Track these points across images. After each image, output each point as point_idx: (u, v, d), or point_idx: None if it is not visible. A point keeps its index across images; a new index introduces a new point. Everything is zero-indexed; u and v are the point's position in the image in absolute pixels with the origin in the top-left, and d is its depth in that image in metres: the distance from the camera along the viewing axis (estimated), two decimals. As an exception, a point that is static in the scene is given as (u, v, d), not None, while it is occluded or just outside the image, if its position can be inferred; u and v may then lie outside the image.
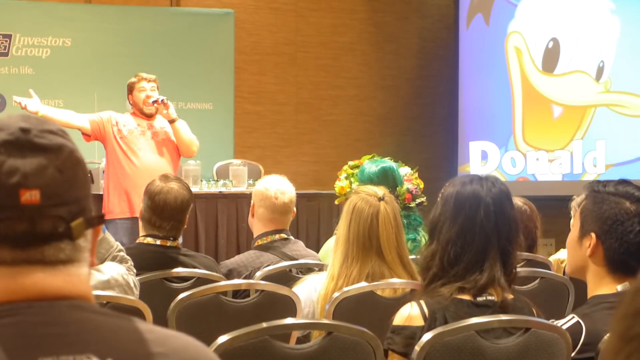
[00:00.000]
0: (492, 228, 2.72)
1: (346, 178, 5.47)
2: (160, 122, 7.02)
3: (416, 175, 5.55)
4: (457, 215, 2.73)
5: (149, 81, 7.03)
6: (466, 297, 2.70)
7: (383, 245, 3.66)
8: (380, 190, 3.80)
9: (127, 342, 1.34)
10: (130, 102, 7.09)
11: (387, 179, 5.20)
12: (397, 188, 5.21)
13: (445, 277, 2.71)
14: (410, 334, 2.66)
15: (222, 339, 2.49)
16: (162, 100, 6.91)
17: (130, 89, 7.05)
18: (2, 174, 1.31)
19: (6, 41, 8.92)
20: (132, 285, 3.61)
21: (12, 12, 9.01)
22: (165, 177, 4.40)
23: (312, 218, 7.68)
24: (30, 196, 1.31)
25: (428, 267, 2.75)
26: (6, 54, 8.91)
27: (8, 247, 1.32)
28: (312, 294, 3.73)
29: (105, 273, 3.51)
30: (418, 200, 5.32)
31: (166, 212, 4.24)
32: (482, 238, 2.71)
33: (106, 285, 3.48)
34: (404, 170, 5.47)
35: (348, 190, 5.33)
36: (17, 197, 1.31)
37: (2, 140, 1.34)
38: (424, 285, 2.75)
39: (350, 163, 5.57)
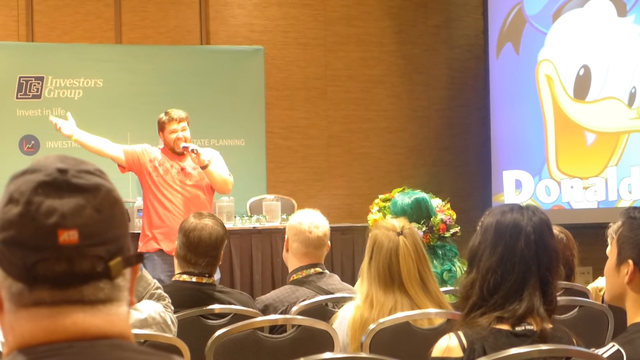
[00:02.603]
0: (532, 257, 2.70)
1: (379, 211, 5.46)
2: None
3: (448, 206, 5.53)
4: (497, 244, 2.71)
5: (180, 121, 6.94)
6: (505, 327, 2.68)
7: (405, 280, 3.66)
8: (399, 223, 3.80)
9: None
10: (162, 139, 7.08)
11: (420, 210, 5.19)
12: (432, 218, 5.20)
13: (484, 307, 2.69)
14: (449, 366, 2.64)
15: (261, 374, 2.49)
16: (192, 150, 6.81)
17: (161, 127, 6.99)
18: (40, 215, 1.32)
19: (38, 83, 9.01)
20: (169, 322, 3.61)
21: (43, 55, 9.11)
22: (199, 214, 4.41)
23: (347, 251, 7.66)
24: (69, 236, 1.32)
25: (467, 296, 2.73)
26: (39, 96, 8.99)
27: (47, 288, 1.33)
28: (343, 323, 3.73)
29: (142, 311, 3.52)
30: (452, 231, 5.30)
31: (201, 248, 4.24)
32: (522, 267, 2.69)
33: (144, 323, 3.49)
34: (436, 202, 5.46)
35: (381, 223, 5.33)
36: (56, 238, 1.32)
37: (39, 181, 1.35)
38: (463, 315, 2.73)
39: (382, 196, 5.57)
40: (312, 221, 4.60)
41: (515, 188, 9.92)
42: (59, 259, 1.32)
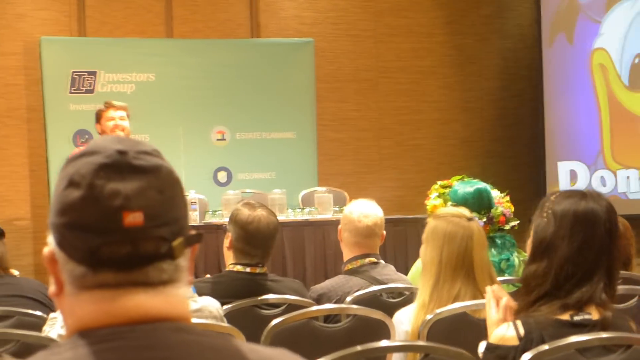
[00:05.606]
0: (607, 245, 2.67)
1: (438, 197, 5.40)
2: None
3: (507, 198, 5.45)
4: (576, 233, 2.67)
5: (117, 109, 6.79)
6: (564, 315, 2.65)
7: (476, 265, 3.61)
8: (466, 211, 3.76)
9: (231, 363, 1.33)
10: (99, 131, 6.91)
11: (482, 200, 5.13)
12: (492, 210, 5.14)
13: (553, 295, 2.65)
14: (503, 354, 2.62)
15: (319, 363, 2.48)
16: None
17: (98, 117, 6.84)
18: (104, 197, 1.31)
19: (91, 78, 9.07)
20: (225, 321, 3.60)
21: (96, 50, 9.16)
22: (249, 205, 4.36)
23: (399, 243, 7.62)
24: (134, 218, 1.31)
25: (538, 284, 2.68)
26: (91, 91, 9.05)
27: (112, 270, 1.32)
28: (399, 327, 3.67)
29: (198, 302, 3.53)
30: (512, 224, 5.22)
31: (258, 240, 4.22)
32: (597, 255, 2.66)
33: (198, 312, 3.49)
34: (495, 193, 5.39)
35: (442, 209, 5.25)
36: (121, 220, 1.30)
37: (100, 163, 1.33)
38: (529, 303, 2.69)
39: (440, 182, 5.51)
40: (362, 211, 4.57)
41: (570, 179, 9.82)
42: (123, 241, 1.31)
